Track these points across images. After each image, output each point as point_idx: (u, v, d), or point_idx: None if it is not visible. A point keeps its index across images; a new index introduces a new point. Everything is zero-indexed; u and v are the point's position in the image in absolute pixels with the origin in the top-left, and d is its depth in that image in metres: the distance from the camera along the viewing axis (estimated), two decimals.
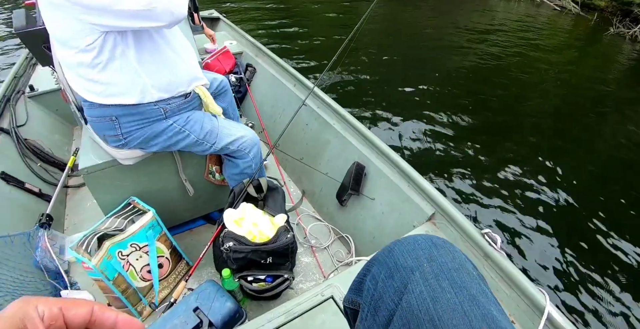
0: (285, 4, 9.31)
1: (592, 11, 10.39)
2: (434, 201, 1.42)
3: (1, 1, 10.22)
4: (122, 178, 1.52)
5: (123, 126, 1.30)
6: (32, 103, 2.48)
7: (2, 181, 1.77)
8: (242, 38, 3.04)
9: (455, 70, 5.36)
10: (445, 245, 0.54)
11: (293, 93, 2.31)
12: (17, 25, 1.79)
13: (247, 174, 1.60)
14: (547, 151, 3.51)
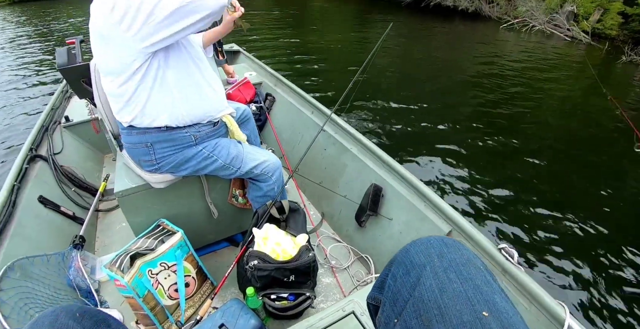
0: (301, 39, 9.74)
1: (603, 40, 10.61)
2: (450, 219, 1.47)
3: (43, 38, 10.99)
4: (153, 201, 1.60)
5: (157, 152, 1.41)
6: (67, 132, 2.65)
7: (41, 204, 1.87)
8: (261, 69, 3.23)
9: (468, 97, 5.52)
10: (454, 243, 0.61)
11: (311, 119, 2.43)
12: (59, 62, 1.96)
13: (270, 196, 1.67)
14: (561, 174, 3.55)
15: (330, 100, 5.07)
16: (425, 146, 3.99)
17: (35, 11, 25.15)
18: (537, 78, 6.70)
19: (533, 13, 12.01)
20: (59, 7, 25.22)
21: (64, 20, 17.65)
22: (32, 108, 5.44)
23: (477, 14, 13.70)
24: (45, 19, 19.16)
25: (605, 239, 2.79)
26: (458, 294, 0.51)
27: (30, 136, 2.31)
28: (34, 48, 10.69)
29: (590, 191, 3.37)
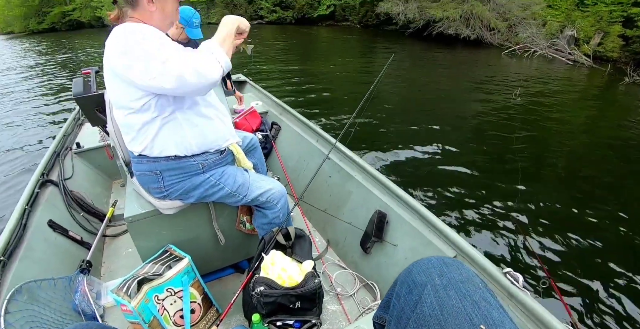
0: (307, 68, 9.99)
1: (605, 63, 10.78)
2: (454, 244, 1.48)
3: (61, 67, 11.41)
4: (161, 226, 1.63)
5: (166, 179, 1.45)
6: (78, 158, 2.73)
7: (50, 228, 1.90)
8: (267, 98, 3.32)
9: (472, 123, 5.58)
10: (454, 263, 0.65)
11: (316, 148, 2.48)
12: (75, 91, 2.05)
13: (275, 224, 1.70)
14: (568, 197, 3.53)
15: (336, 127, 5.16)
16: (430, 171, 4.02)
17: (55, 41, 26.34)
18: (541, 101, 6.78)
19: (534, 39, 12.29)
20: (76, 38, 26.38)
21: (81, 50, 18.40)
22: (48, 132, 5.68)
23: (479, 41, 14.03)
24: (64, 48, 20.03)
25: (615, 259, 2.75)
26: (457, 310, 0.54)
27: (42, 161, 2.38)
28: (51, 75, 11.16)
29: (599, 214, 3.35)
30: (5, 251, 1.56)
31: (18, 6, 41.97)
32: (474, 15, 13.91)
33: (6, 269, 1.51)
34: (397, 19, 16.22)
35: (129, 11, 1.28)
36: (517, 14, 13.30)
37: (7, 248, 1.58)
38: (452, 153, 4.51)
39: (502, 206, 3.39)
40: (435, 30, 14.87)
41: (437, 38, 14.99)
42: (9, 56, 19.47)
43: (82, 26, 40.41)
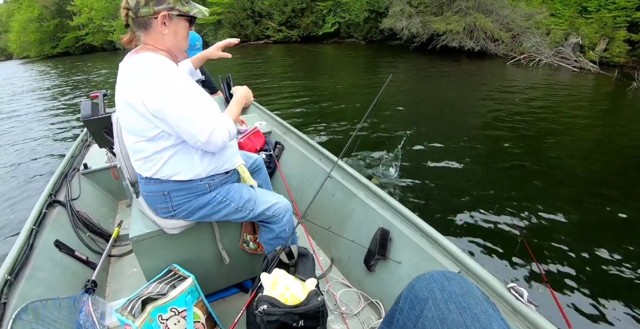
0: (313, 85, 10.11)
1: (612, 68, 10.74)
2: (458, 260, 1.48)
3: (74, 88, 11.75)
4: (166, 246, 1.65)
5: (173, 199, 1.48)
6: (85, 179, 2.79)
7: (56, 248, 1.94)
8: (270, 118, 3.38)
9: (479, 134, 5.54)
10: (455, 277, 0.67)
11: (319, 166, 2.51)
12: (83, 114, 2.13)
13: (282, 238, 1.71)
14: (578, 209, 3.47)
15: (341, 144, 5.18)
16: (435, 185, 3.99)
17: (68, 64, 27.25)
18: (549, 111, 6.75)
19: (538, 48, 12.31)
20: (89, 61, 27.26)
21: (94, 72, 18.91)
22: (58, 153, 5.91)
23: (483, 52, 14.09)
24: (77, 71, 20.70)
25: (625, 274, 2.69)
26: (457, 323, 0.56)
27: (50, 182, 2.44)
28: (64, 97, 11.58)
29: (608, 226, 3.28)
30: (12, 270, 1.60)
31: (34, 32, 44.04)
32: (477, 27, 14.03)
33: (12, 288, 1.54)
34: (401, 34, 16.44)
35: (142, 35, 1.32)
36: (520, 24, 13.38)
37: (14, 268, 1.61)
38: (456, 167, 4.48)
39: (507, 220, 3.34)
40: (439, 44, 15.01)
41: (441, 51, 15.12)
42: (25, 79, 20.30)
43: (95, 50, 41.90)
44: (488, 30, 13.85)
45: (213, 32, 31.09)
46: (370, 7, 21.58)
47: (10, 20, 49.85)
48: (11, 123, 8.71)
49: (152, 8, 1.24)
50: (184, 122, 1.22)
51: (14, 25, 47.15)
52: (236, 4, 28.29)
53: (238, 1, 28.25)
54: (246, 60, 18.18)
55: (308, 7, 25.85)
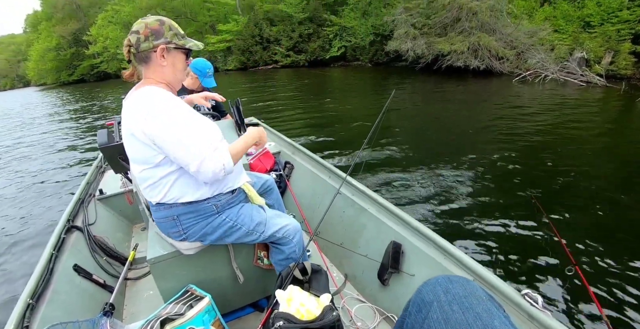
0: (321, 106, 10.27)
1: (619, 81, 10.73)
2: (470, 269, 1.49)
3: (90, 114, 12.13)
4: (182, 267, 1.69)
5: (183, 223, 1.52)
6: (101, 204, 2.87)
7: (75, 272, 1.99)
8: (279, 139, 3.46)
9: (488, 153, 5.52)
10: (459, 280, 0.71)
11: (329, 184, 2.56)
12: (100, 142, 2.22)
13: (292, 259, 1.73)
14: (590, 220, 3.42)
15: (350, 162, 5.22)
16: (444, 198, 3.99)
17: (84, 91, 28.28)
18: (559, 126, 6.73)
19: (544, 64, 12.39)
20: (104, 88, 28.25)
21: (108, 99, 19.54)
22: (75, 178, 6.11)
23: (488, 70, 14.21)
24: (93, 97, 21.45)
25: None
26: (460, 322, 0.60)
27: (67, 208, 2.52)
28: (80, 123, 11.95)
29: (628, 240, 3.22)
30: (34, 294, 1.65)
31: (51, 60, 46.33)
32: (481, 46, 14.22)
33: (34, 311, 1.59)
34: (406, 55, 16.73)
35: (143, 70, 1.43)
36: (524, 42, 13.53)
37: (35, 292, 1.66)
38: (467, 180, 4.48)
39: (519, 229, 3.33)
40: (444, 64, 15.20)
41: (447, 70, 15.29)
42: (43, 105, 21.12)
43: (109, 77, 43.60)
44: (492, 48, 14.02)
45: (223, 58, 32.05)
46: (375, 31, 22.11)
47: (30, 49, 52.45)
48: (28, 149, 9.06)
49: (151, 42, 1.35)
50: (178, 150, 1.29)
51: (33, 54, 49.77)
52: (245, 31, 29.26)
53: (247, 28, 29.22)
54: (255, 85, 18.63)
55: (315, 32, 26.60)
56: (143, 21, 1.38)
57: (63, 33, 45.13)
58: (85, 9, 46.48)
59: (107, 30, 39.26)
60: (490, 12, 14.37)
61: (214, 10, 31.98)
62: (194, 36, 34.89)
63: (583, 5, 13.66)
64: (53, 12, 47.28)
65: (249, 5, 30.40)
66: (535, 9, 15.48)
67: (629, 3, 12.30)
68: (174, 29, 1.41)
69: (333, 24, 24.96)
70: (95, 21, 41.12)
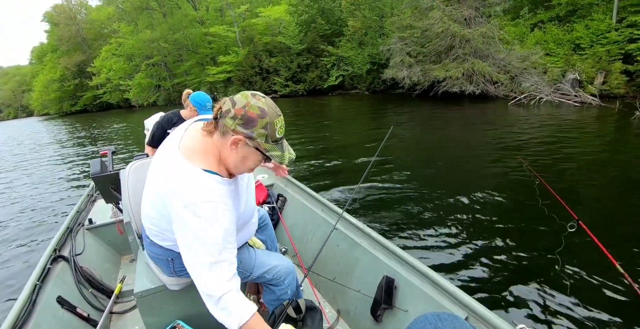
0: (320, 136, 10.35)
1: (613, 100, 10.88)
2: (465, 305, 1.46)
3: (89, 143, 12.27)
4: (170, 301, 1.65)
5: (176, 265, 1.50)
6: (89, 234, 2.78)
7: (58, 304, 1.91)
8: (272, 172, 3.44)
9: (487, 180, 5.50)
10: (449, 318, 0.72)
11: (322, 217, 2.53)
12: (93, 171, 2.21)
13: (283, 299, 1.69)
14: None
15: (347, 195, 5.18)
16: (440, 232, 3.91)
17: (86, 121, 28.72)
18: (556, 147, 6.75)
19: (538, 86, 12.59)
20: (106, 117, 28.71)
21: (108, 127, 19.80)
22: (65, 207, 6.03)
23: (484, 95, 14.41)
24: (96, 127, 21.70)
25: None
26: None
27: (55, 237, 2.44)
28: (78, 152, 11.94)
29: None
30: (14, 327, 1.58)
31: (55, 91, 47.69)
32: (475, 72, 14.50)
33: None
34: (402, 82, 17.04)
35: (217, 135, 1.24)
36: (517, 66, 13.81)
37: (15, 324, 1.59)
38: (464, 211, 4.42)
39: (513, 263, 3.27)
40: (440, 90, 15.45)
41: (443, 96, 15.52)
42: (44, 134, 21.22)
43: (111, 107, 44.53)
44: (486, 73, 14.29)
45: (224, 88, 32.69)
46: (371, 60, 22.64)
47: (34, 80, 53.89)
48: (22, 178, 9.10)
49: (236, 125, 1.16)
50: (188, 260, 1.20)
51: (37, 84, 51.31)
52: (245, 63, 30.00)
53: (246, 60, 29.98)
54: None
55: (313, 62, 27.26)
56: (247, 98, 1.18)
57: (67, 64, 46.62)
58: (90, 42, 48.17)
59: (111, 62, 40.48)
60: (482, 38, 14.74)
61: (214, 43, 32.91)
62: (195, 68, 35.81)
63: (572, 28, 14.05)
64: (58, 44, 48.95)
65: (249, 38, 31.33)
66: (526, 34, 15.92)
67: (616, 24, 12.66)
68: (269, 129, 1.18)
69: (330, 54, 25.60)
70: (99, 53, 42.40)
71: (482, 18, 15.56)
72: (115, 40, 39.86)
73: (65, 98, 48.91)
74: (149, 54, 37.21)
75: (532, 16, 16.72)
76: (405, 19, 17.60)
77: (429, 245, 3.67)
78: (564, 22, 14.98)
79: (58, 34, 47.94)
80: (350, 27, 23.83)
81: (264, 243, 2.03)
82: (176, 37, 34.90)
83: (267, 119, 1.17)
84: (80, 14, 49.77)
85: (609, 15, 13.25)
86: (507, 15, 17.34)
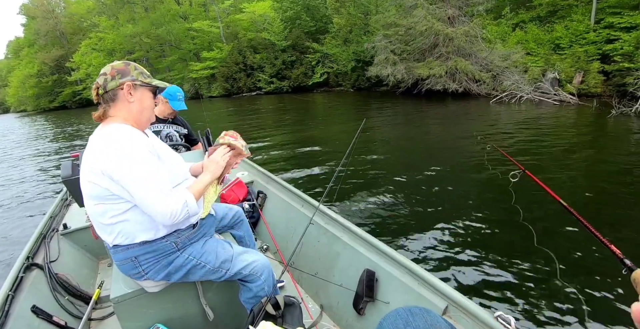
0: (303, 132, 10.33)
1: (591, 98, 11.15)
2: (445, 294, 1.48)
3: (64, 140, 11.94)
4: (148, 305, 1.61)
5: (142, 263, 1.46)
6: (64, 240, 2.67)
7: (33, 314, 1.84)
8: (252, 168, 3.41)
9: (464, 173, 5.59)
10: (420, 311, 0.72)
11: (302, 213, 2.52)
12: (63, 174, 2.13)
13: (261, 297, 1.66)
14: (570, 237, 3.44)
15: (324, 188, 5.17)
16: (419, 225, 3.94)
17: (64, 118, 28.16)
18: (535, 145, 6.88)
19: (518, 85, 12.83)
20: (85, 114, 28.16)
21: (89, 125, 19.38)
22: (38, 212, 5.70)
23: (467, 93, 14.61)
24: (72, 123, 21.15)
25: None
26: None
27: (27, 244, 2.34)
28: (51, 152, 11.60)
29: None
30: None
31: (32, 87, 46.04)
32: (458, 70, 14.67)
33: None
34: (387, 80, 17.11)
35: (109, 109, 1.42)
36: (499, 65, 14.01)
37: None
38: (442, 203, 4.46)
39: (494, 254, 3.32)
40: (424, 87, 15.58)
41: (427, 94, 15.66)
42: (19, 132, 20.60)
43: (91, 103, 42.55)
44: (469, 72, 14.47)
45: (207, 85, 32.32)
46: (356, 57, 22.68)
47: (10, 75, 51.98)
48: None
49: (117, 81, 1.39)
50: (139, 191, 1.29)
51: (13, 80, 49.27)
52: (229, 59, 29.72)
53: (230, 56, 29.70)
54: (238, 110, 18.75)
55: (297, 59, 27.16)
56: (109, 64, 1.44)
57: (45, 59, 45.03)
58: (68, 36, 46.67)
59: (91, 57, 39.38)
60: (465, 37, 14.90)
61: (198, 38, 32.50)
62: (177, 63, 35.31)
63: (552, 29, 14.34)
64: (35, 38, 47.36)
65: (233, 34, 31.04)
66: (507, 34, 16.16)
67: (594, 25, 12.97)
68: (139, 68, 1.46)
69: (315, 51, 25.56)
70: (79, 48, 41.21)
71: (465, 17, 15.70)
72: (96, 34, 38.93)
73: (43, 94, 47.32)
74: (130, 49, 36.55)
75: (514, 16, 16.99)
76: (390, 17, 17.65)
77: (408, 236, 3.70)
78: (545, 22, 15.26)
79: (35, 28, 46.42)
80: (335, 24, 23.83)
81: (242, 239, 2.02)
82: (159, 32, 34.36)
83: (133, 64, 1.46)
84: (59, 7, 48.21)
85: (587, 16, 13.55)
86: (490, 14, 17.55)
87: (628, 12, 12.06)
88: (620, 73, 11.06)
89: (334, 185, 1.92)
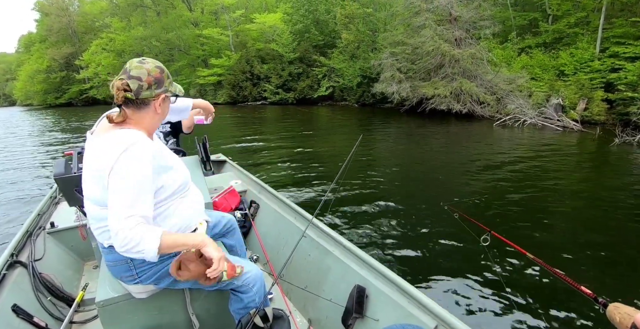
0: (305, 145, 10.31)
1: (594, 126, 11.16)
2: (435, 314, 1.45)
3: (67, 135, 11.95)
4: (134, 311, 1.57)
5: (137, 266, 1.43)
6: (51, 238, 2.61)
7: (14, 313, 1.80)
8: (246, 177, 3.39)
9: (468, 195, 5.57)
10: None
11: (294, 225, 2.49)
12: (56, 172, 2.09)
13: (251, 308, 1.63)
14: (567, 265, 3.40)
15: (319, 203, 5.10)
16: (411, 242, 3.93)
17: (69, 114, 28.26)
18: (538, 170, 6.88)
19: (522, 109, 12.87)
20: (90, 112, 28.27)
21: (91, 121, 19.48)
22: (26, 209, 5.55)
23: (470, 114, 14.66)
24: (76, 120, 21.04)
25: None
26: None
27: (12, 241, 2.29)
28: (49, 149, 11.54)
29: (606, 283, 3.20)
30: None
31: (40, 82, 46.22)
32: (463, 92, 14.76)
33: None
34: (391, 97, 17.20)
35: (132, 114, 1.34)
36: (503, 88, 14.12)
37: None
38: (436, 222, 4.45)
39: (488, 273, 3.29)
40: (428, 107, 15.62)
41: (431, 113, 15.71)
42: (24, 126, 20.58)
43: (97, 102, 43.56)
44: (474, 93, 14.55)
45: (213, 91, 32.49)
46: (362, 73, 22.83)
47: (19, 69, 52.32)
48: None
49: (153, 91, 1.32)
50: (114, 198, 1.22)
51: (22, 74, 49.60)
52: (236, 67, 29.92)
53: (238, 64, 29.91)
54: (242, 120, 18.79)
55: (304, 71, 27.36)
56: (143, 67, 1.30)
57: (55, 56, 45.44)
58: (80, 35, 47.18)
59: (100, 56, 39.70)
60: (471, 59, 15.05)
61: (207, 45, 32.77)
62: (185, 68, 35.58)
63: (557, 55, 14.50)
64: (47, 34, 47.73)
65: (242, 43, 31.33)
66: (513, 58, 16.35)
67: (599, 54, 13.10)
68: (170, 76, 1.40)
69: (322, 64, 25.74)
70: (89, 47, 41.58)
71: (472, 40, 15.89)
72: (107, 34, 39.27)
73: (51, 90, 47.58)
74: (139, 52, 36.78)
75: (520, 41, 17.21)
76: (398, 35, 17.87)
77: (400, 253, 3.68)
78: (550, 48, 15.46)
79: (48, 24, 46.83)
80: (343, 40, 24.04)
81: (233, 248, 1.99)
82: (169, 36, 34.68)
83: (166, 71, 1.38)
84: (73, 5, 48.90)
85: (592, 45, 13.73)
86: (496, 38, 17.77)
87: (632, 42, 12.22)
88: (623, 102, 11.16)
89: (327, 198, 1.90)
